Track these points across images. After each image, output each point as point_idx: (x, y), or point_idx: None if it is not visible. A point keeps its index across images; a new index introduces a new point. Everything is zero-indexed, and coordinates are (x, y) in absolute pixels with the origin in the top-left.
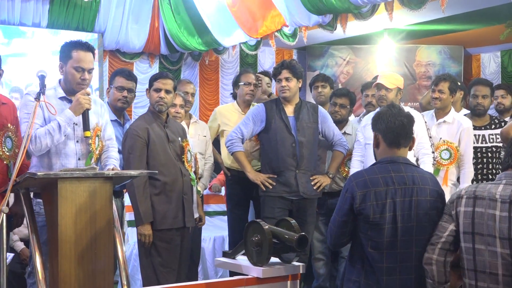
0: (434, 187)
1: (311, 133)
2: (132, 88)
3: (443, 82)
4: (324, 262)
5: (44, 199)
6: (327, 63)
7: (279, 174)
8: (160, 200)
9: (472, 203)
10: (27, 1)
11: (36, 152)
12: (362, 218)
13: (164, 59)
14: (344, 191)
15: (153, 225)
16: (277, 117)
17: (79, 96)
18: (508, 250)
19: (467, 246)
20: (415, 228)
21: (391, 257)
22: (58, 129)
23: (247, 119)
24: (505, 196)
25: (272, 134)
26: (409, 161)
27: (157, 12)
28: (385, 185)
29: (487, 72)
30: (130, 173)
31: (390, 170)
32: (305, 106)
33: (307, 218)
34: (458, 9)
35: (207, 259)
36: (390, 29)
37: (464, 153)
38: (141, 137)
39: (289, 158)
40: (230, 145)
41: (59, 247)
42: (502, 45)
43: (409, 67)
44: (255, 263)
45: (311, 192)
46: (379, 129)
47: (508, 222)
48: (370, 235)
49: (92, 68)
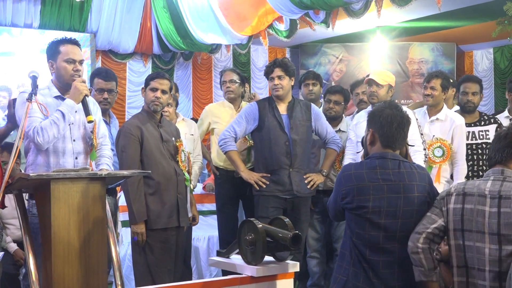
0: (421, 182)
1: (305, 131)
2: (112, 88)
3: (435, 79)
4: (319, 260)
5: (37, 200)
6: (320, 61)
7: (272, 173)
8: (155, 200)
9: (461, 200)
10: (18, 2)
11: (44, 144)
12: (347, 211)
13: (157, 58)
14: (336, 184)
15: (148, 224)
16: (270, 115)
17: (76, 83)
18: (496, 246)
19: (457, 244)
20: (399, 224)
21: (374, 251)
22: (63, 118)
23: (240, 117)
24: (494, 192)
25: (265, 133)
26: (398, 157)
27: (149, 12)
28: (370, 181)
29: (480, 69)
30: (123, 173)
31: (377, 166)
32: (298, 104)
33: (301, 216)
34: (451, 6)
35: (201, 259)
36: (383, 27)
37: (457, 150)
38: (134, 135)
39: (283, 156)
40: (223, 145)
41: (52, 248)
42: (495, 42)
43: (402, 64)
44: (249, 262)
45: (304, 190)
46: (376, 129)
47: (498, 217)
48: (353, 228)
49: (83, 60)
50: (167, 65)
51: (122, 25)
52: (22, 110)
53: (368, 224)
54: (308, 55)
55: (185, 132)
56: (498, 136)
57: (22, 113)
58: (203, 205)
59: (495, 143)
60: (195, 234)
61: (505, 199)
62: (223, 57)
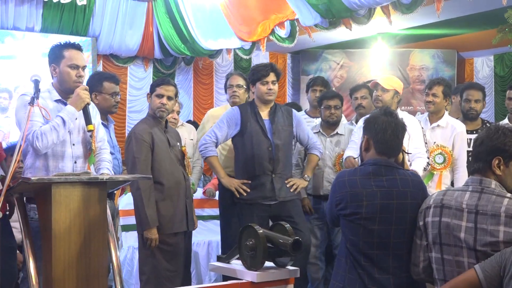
0: (415, 188)
1: (287, 136)
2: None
3: (437, 86)
4: (319, 266)
5: (38, 204)
6: (321, 67)
7: (254, 179)
8: (166, 205)
9: (439, 213)
10: (20, 5)
11: (43, 149)
12: (341, 217)
13: (158, 63)
14: (331, 190)
15: (159, 229)
16: (253, 120)
17: (79, 91)
18: (474, 260)
19: (436, 256)
20: (392, 231)
21: (368, 257)
22: (63, 124)
23: (222, 122)
24: (472, 206)
25: (247, 138)
26: (392, 164)
27: (151, 16)
28: (363, 187)
29: (480, 76)
30: (124, 178)
31: (370, 173)
32: (280, 110)
33: (295, 219)
34: (452, 13)
35: (201, 263)
36: (384, 33)
37: (458, 157)
38: (146, 141)
39: (266, 162)
40: (204, 150)
41: (53, 252)
42: (495, 49)
43: (402, 71)
44: (249, 268)
45: (287, 193)
46: (372, 136)
47: (474, 233)
48: (347, 234)
49: (85, 65)
50: (168, 69)
51: (124, 29)
52: (21, 112)
53: (362, 230)
54: (309, 61)
55: (185, 137)
56: (474, 143)
57: (22, 116)
58: (203, 210)
59: (474, 149)
60: (195, 239)
61: (481, 214)
62: (224, 62)
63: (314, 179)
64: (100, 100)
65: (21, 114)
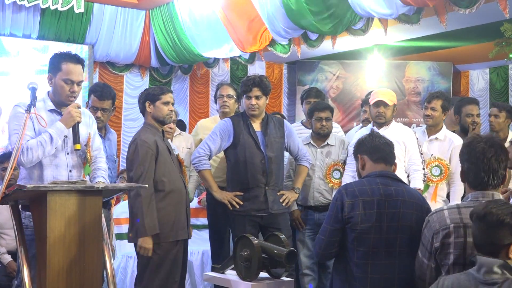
0: (419, 201)
1: (279, 148)
2: (107, 108)
3: (436, 99)
4: (312, 277)
5: (33, 212)
6: (317, 78)
7: (247, 191)
8: (169, 213)
9: (462, 233)
10: (18, 12)
11: (27, 164)
12: (349, 226)
13: (154, 71)
14: (334, 200)
15: (161, 237)
16: (245, 132)
17: (70, 109)
18: None
19: None
20: (398, 240)
21: (375, 268)
22: (50, 141)
23: (214, 134)
24: None
25: (240, 150)
26: (397, 177)
27: (148, 25)
28: (373, 196)
29: (476, 89)
30: (119, 186)
31: (378, 183)
32: (272, 121)
33: (284, 232)
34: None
35: (195, 273)
36: (380, 45)
37: (455, 171)
38: (151, 149)
39: (259, 174)
40: (197, 163)
41: (48, 260)
42: (491, 62)
43: (398, 82)
44: (244, 278)
45: (279, 206)
46: (364, 151)
47: None
48: (356, 245)
49: (82, 80)
50: (164, 78)
51: (121, 37)
52: (13, 123)
53: (372, 238)
54: (305, 71)
55: (182, 146)
56: None
57: (12, 128)
58: (198, 219)
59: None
60: (189, 248)
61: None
62: (220, 71)
63: (303, 189)
64: None
65: (12, 126)
